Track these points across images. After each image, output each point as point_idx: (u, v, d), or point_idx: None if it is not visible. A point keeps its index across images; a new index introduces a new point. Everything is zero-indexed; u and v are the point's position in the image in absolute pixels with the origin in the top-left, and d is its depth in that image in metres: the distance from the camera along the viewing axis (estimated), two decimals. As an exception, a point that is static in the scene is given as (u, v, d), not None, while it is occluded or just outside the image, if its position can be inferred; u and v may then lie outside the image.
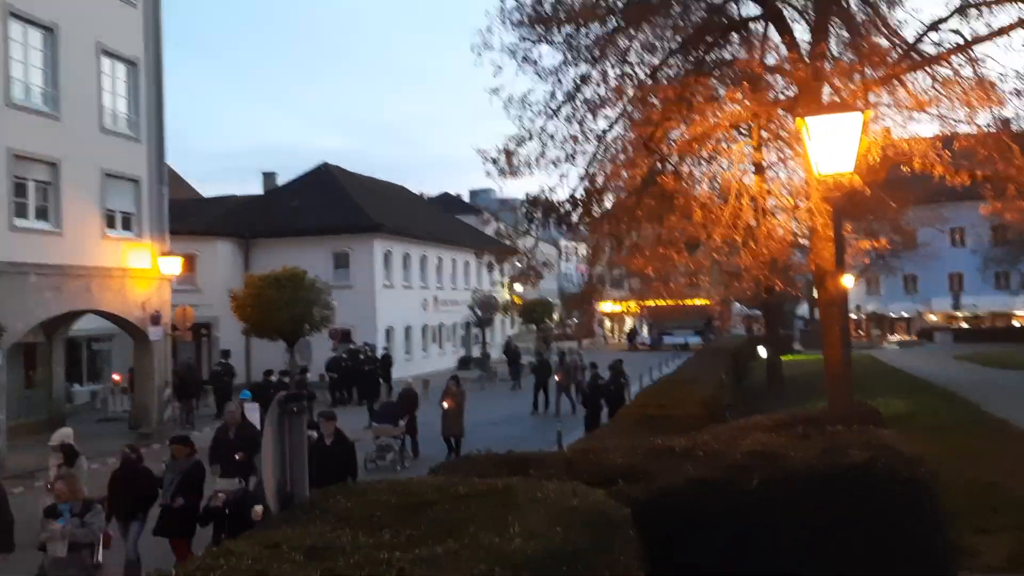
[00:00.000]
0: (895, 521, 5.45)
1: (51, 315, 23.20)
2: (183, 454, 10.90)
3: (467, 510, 4.00)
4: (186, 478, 10.54)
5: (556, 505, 4.13)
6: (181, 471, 10.64)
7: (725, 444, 6.23)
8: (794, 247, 15.05)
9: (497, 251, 15.28)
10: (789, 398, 23.13)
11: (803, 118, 8.80)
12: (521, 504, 4.07)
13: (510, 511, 3.95)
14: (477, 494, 4.23)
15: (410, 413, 19.71)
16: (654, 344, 59.87)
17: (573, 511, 4.07)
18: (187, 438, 11.55)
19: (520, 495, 4.26)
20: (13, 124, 21.49)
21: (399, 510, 4.05)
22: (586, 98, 12.75)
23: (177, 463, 10.83)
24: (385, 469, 17.54)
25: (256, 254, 38.84)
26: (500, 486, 4.45)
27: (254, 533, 3.90)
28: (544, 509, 4.02)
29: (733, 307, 53.05)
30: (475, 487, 4.37)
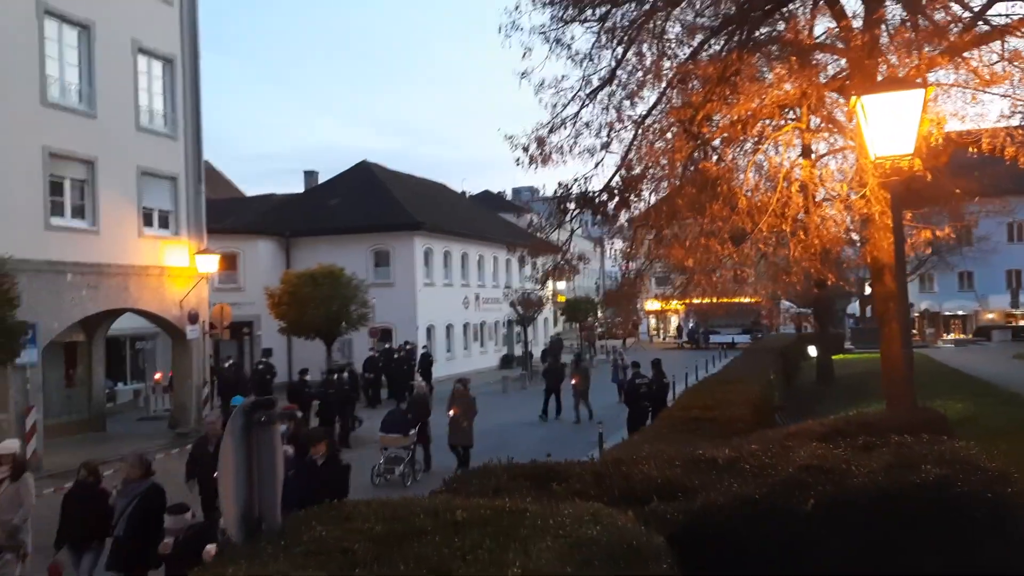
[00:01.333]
0: (976, 548, 4.67)
1: (88, 314, 23.11)
2: (136, 476, 9.40)
3: (462, 543, 3.38)
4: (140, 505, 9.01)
5: (572, 535, 3.48)
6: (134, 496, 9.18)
7: (775, 456, 5.49)
8: (847, 240, 14.14)
9: (530, 245, 14.58)
10: (841, 399, 22.14)
11: (858, 96, 7.99)
12: (528, 535, 3.44)
13: (514, 543, 3.33)
14: (478, 522, 3.60)
15: (422, 420, 18.06)
16: (698, 342, 58.71)
17: (592, 543, 3.41)
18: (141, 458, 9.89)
19: (529, 522, 3.62)
20: (49, 123, 21.42)
21: (381, 542, 3.44)
22: (623, 82, 12.00)
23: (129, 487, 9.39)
24: (395, 484, 16.32)
25: (297, 252, 38.73)
26: (507, 509, 3.82)
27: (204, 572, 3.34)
28: (557, 540, 3.38)
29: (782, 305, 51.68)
30: (477, 512, 3.74)
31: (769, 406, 17.30)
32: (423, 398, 18.95)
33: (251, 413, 3.80)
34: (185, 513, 7.92)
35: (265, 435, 3.83)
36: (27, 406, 20.26)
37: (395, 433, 17.06)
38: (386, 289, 37.33)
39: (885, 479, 4.80)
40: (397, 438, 17.01)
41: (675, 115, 11.18)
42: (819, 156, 12.49)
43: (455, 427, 17.97)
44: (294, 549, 3.43)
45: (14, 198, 20.24)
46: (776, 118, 11.14)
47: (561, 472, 5.55)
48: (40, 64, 21.23)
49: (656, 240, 12.62)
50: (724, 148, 11.65)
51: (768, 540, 4.58)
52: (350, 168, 44.93)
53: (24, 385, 20.28)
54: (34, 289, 20.47)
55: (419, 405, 18.42)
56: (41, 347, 20.73)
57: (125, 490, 9.38)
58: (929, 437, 5.69)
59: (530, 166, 11.88)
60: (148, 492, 9.24)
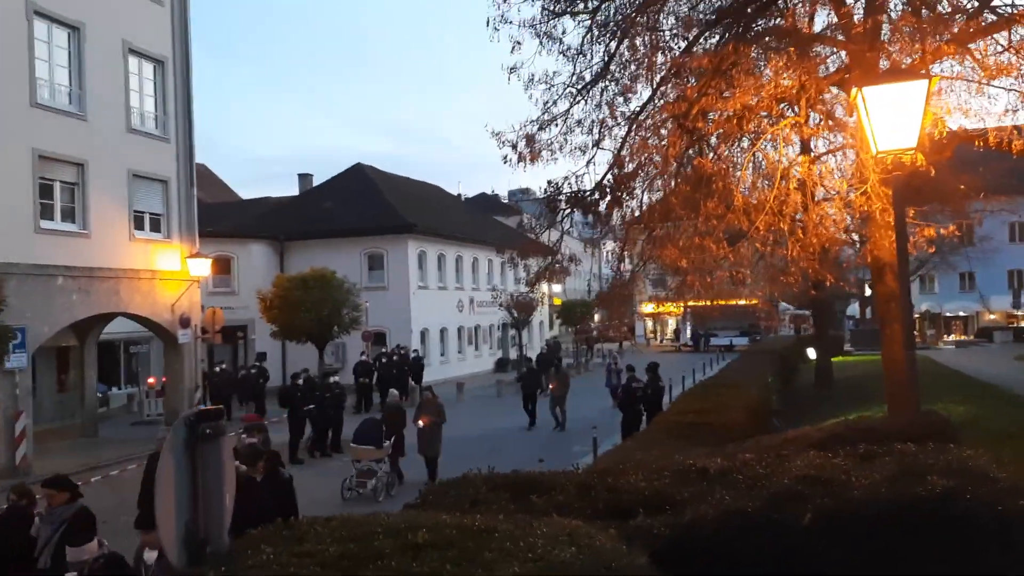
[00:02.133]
0: (983, 562, 4.36)
1: (79, 318, 22.83)
2: (60, 501, 8.27)
3: (420, 568, 3.07)
4: (67, 532, 7.87)
5: (543, 558, 3.16)
6: (60, 522, 8.11)
7: (770, 466, 5.17)
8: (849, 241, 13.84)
9: (520, 246, 14.23)
10: (840, 403, 21.82)
11: (859, 88, 7.68)
12: (493, 560, 3.12)
13: (476, 569, 3.02)
14: (441, 544, 3.28)
15: (397, 432, 17.10)
16: (698, 345, 58.42)
17: (565, 567, 3.10)
18: (64, 480, 8.68)
19: (497, 544, 3.31)
20: (39, 124, 21.17)
21: (332, 566, 3.13)
22: (615, 77, 11.68)
23: (54, 513, 8.27)
24: (367, 498, 15.52)
25: (291, 256, 38.45)
26: (474, 528, 3.51)
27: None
28: (525, 565, 3.07)
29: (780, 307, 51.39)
30: (441, 532, 3.42)
31: (766, 410, 17.00)
32: (398, 408, 18.08)
33: (195, 425, 3.50)
34: (88, 544, 6.87)
35: (211, 448, 3.52)
36: (16, 411, 20.03)
37: (368, 445, 16.12)
38: (380, 292, 37.05)
39: (888, 491, 4.48)
40: (370, 450, 16.07)
41: (669, 110, 10.87)
42: (819, 154, 12.17)
43: (423, 436, 17.30)
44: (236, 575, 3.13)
45: (3, 201, 19.98)
46: (774, 113, 10.85)
47: (543, 483, 5.24)
48: (30, 65, 20.99)
49: (649, 240, 12.30)
50: (720, 144, 11.36)
51: (762, 556, 4.26)
52: (344, 171, 44.68)
53: (13, 390, 20.02)
54: (23, 293, 20.20)
55: (394, 415, 17.52)
56: (31, 352, 20.49)
57: (49, 516, 8.30)
58: (935, 444, 5.38)
59: (518, 164, 11.57)
60: (75, 517, 8.17)
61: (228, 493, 3.61)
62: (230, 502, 3.63)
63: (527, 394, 25.59)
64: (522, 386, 26.20)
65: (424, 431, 17.16)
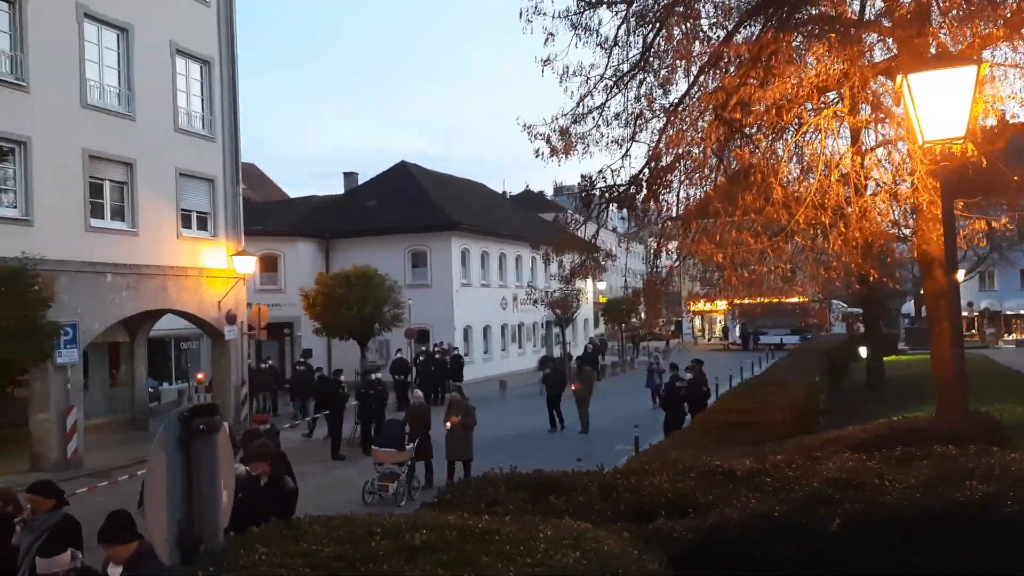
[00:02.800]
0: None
1: (128, 315, 23.25)
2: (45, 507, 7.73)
3: (412, 573, 2.95)
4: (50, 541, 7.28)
5: (543, 563, 3.02)
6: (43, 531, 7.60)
7: (800, 468, 4.94)
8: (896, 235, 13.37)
9: (555, 242, 14.00)
10: (891, 403, 21.23)
11: (904, 75, 7.36)
12: (490, 563, 2.99)
13: (472, 574, 2.89)
14: (440, 545, 3.16)
15: (421, 434, 16.39)
16: (747, 343, 57.55)
17: (565, 572, 2.95)
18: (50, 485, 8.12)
19: (496, 547, 3.17)
20: (89, 125, 21.59)
21: (324, 568, 3.03)
22: (653, 68, 11.43)
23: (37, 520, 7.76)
24: (388, 502, 14.94)
25: (336, 253, 38.76)
26: (476, 530, 3.38)
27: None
28: (522, 570, 2.93)
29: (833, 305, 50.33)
30: (440, 534, 3.30)
31: (813, 410, 16.53)
32: (422, 409, 17.21)
33: (189, 421, 3.42)
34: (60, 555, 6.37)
35: (206, 445, 3.44)
36: (68, 405, 20.43)
37: (390, 448, 15.56)
38: (423, 290, 37.14)
39: (924, 496, 4.23)
40: (392, 453, 15.47)
41: (707, 100, 10.59)
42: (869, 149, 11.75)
43: (453, 439, 16.49)
44: (226, 575, 3.05)
45: (55, 200, 20.42)
46: (815, 102, 10.50)
47: (565, 484, 5.08)
48: (80, 67, 21.41)
49: (686, 235, 12.01)
50: (759, 135, 11.04)
51: (787, 563, 4.05)
52: (388, 169, 44.91)
53: (65, 385, 20.44)
54: (74, 290, 20.65)
55: (418, 417, 16.80)
56: (82, 347, 20.89)
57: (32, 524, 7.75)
58: (977, 447, 5.08)
59: (551, 157, 11.39)
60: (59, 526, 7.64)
61: (225, 491, 3.54)
62: (228, 499, 3.56)
63: (551, 396, 24.63)
64: (546, 387, 25.10)
65: (452, 433, 16.48)
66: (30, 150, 19.84)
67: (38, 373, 19.53)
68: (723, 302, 39.27)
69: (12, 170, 19.73)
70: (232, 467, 3.71)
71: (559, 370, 25.54)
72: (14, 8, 19.70)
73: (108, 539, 5.98)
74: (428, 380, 28.95)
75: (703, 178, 11.72)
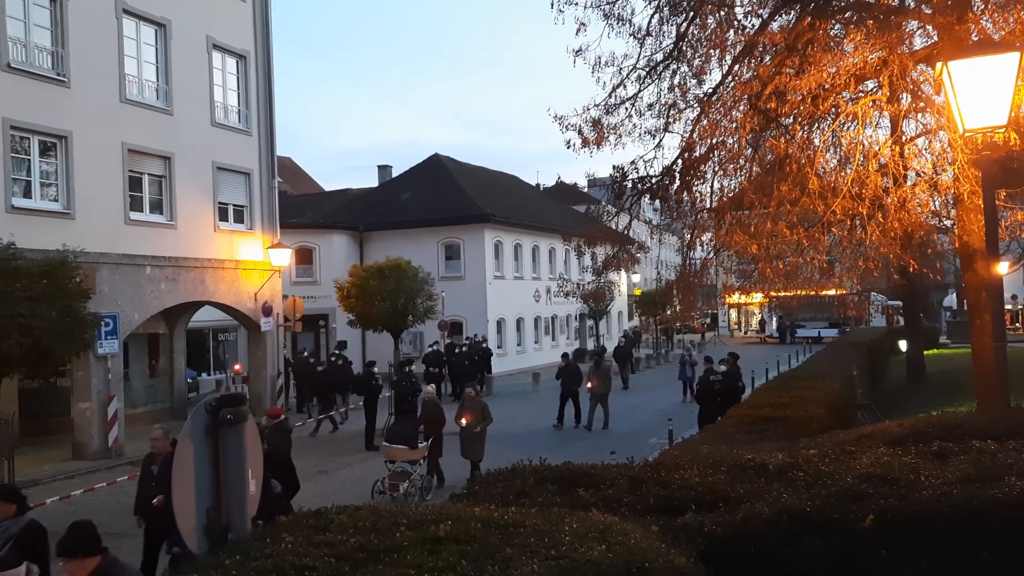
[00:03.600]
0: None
1: (166, 306, 23.61)
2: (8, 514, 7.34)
3: (434, 563, 2.94)
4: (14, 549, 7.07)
5: (567, 556, 2.99)
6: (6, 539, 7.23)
7: (834, 463, 4.85)
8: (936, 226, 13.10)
9: (587, 233, 13.88)
10: (932, 397, 20.85)
11: (944, 62, 7.21)
12: (512, 556, 2.97)
13: (493, 566, 2.87)
14: (464, 537, 3.15)
15: (434, 431, 15.74)
16: (784, 336, 56.89)
17: (589, 567, 2.92)
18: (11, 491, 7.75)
19: (520, 539, 3.15)
20: (128, 120, 21.92)
21: (347, 559, 3.04)
22: (687, 58, 11.29)
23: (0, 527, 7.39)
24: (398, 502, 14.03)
25: (370, 246, 39.00)
26: (501, 522, 3.36)
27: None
28: (545, 563, 2.91)
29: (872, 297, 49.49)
30: (466, 525, 3.28)
31: (850, 405, 16.27)
32: (435, 405, 16.42)
33: (216, 411, 3.45)
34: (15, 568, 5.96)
35: (233, 435, 3.46)
36: (109, 395, 20.81)
37: (401, 445, 14.93)
38: (456, 282, 37.24)
39: (961, 492, 4.13)
40: (403, 450, 14.86)
41: (742, 90, 10.43)
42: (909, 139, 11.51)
43: (466, 438, 15.90)
44: (250, 563, 3.07)
45: (96, 194, 20.78)
46: (853, 91, 10.29)
47: (594, 476, 5.04)
48: (119, 62, 21.74)
49: (719, 225, 11.85)
50: (795, 125, 10.85)
51: (818, 560, 3.98)
52: (422, 162, 45.06)
53: (106, 375, 20.82)
54: (114, 282, 21.03)
55: (431, 413, 16.06)
56: (122, 338, 21.26)
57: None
58: (1016, 443, 4.95)
59: (583, 148, 11.30)
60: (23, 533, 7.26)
61: (253, 480, 3.57)
62: (256, 488, 3.59)
63: (565, 391, 23.59)
64: (560, 383, 23.94)
65: (466, 432, 15.89)
66: (71, 144, 20.21)
67: (80, 363, 19.90)
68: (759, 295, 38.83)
69: (54, 164, 20.11)
70: (260, 457, 3.74)
71: (571, 365, 24.24)
72: (55, 5, 20.05)
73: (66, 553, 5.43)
74: (459, 373, 28.94)
75: (737, 169, 11.57)
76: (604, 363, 24.30)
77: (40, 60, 19.85)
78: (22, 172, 19.45)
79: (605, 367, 24.00)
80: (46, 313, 12.93)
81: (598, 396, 23.03)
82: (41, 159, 19.87)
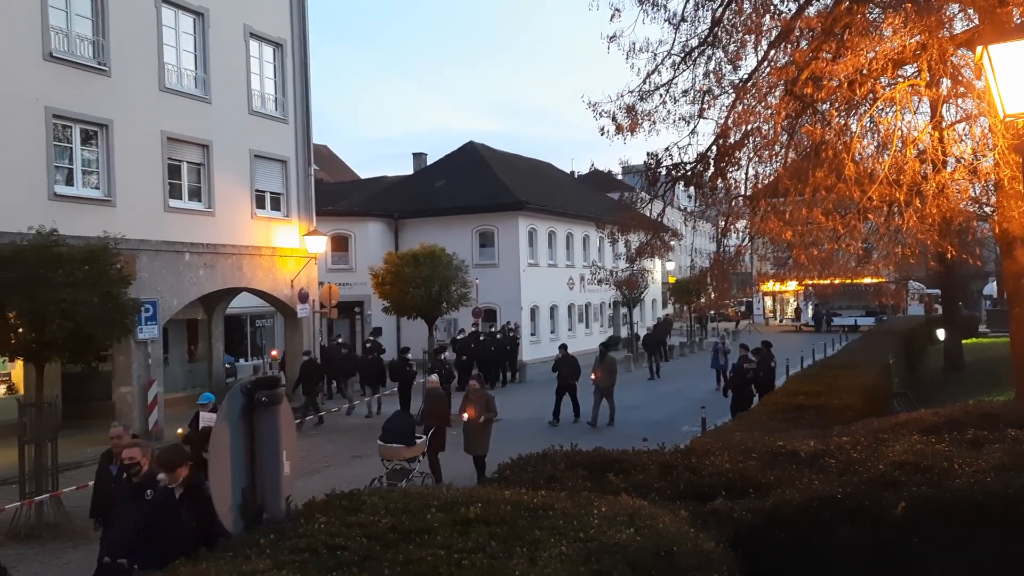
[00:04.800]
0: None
1: (205, 292, 23.98)
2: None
3: (465, 544, 3.00)
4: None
5: (596, 539, 3.03)
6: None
7: (866, 450, 4.83)
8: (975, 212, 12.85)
9: (622, 220, 13.79)
10: (969, 387, 20.54)
11: (984, 46, 7.05)
12: (541, 538, 3.01)
13: (522, 547, 2.92)
14: (493, 519, 3.20)
15: (437, 425, 14.72)
16: (820, 325, 56.29)
17: (617, 550, 2.95)
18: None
19: (550, 522, 3.19)
20: (167, 108, 22.25)
21: (379, 539, 3.10)
22: (722, 43, 11.18)
23: None
24: None
25: (405, 233, 39.20)
26: (531, 505, 3.41)
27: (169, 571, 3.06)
28: (574, 545, 2.95)
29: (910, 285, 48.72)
30: (496, 508, 3.34)
31: (885, 393, 16.09)
32: (439, 398, 15.39)
33: (251, 393, 3.53)
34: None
35: (268, 417, 3.54)
36: (149, 379, 21.22)
37: (397, 444, 13.81)
38: (490, 270, 37.30)
39: (995, 481, 4.09)
40: (398, 449, 13.75)
41: (778, 75, 10.32)
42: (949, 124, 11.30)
43: (470, 432, 14.89)
44: (285, 543, 3.15)
45: (136, 181, 21.15)
46: (891, 76, 10.12)
47: (624, 462, 5.08)
48: (158, 51, 22.05)
49: (753, 212, 11.75)
50: (831, 111, 10.71)
51: (850, 547, 3.98)
52: (456, 149, 45.13)
53: (146, 360, 21.23)
54: (154, 268, 21.41)
55: (434, 405, 15.14)
56: (162, 324, 21.66)
57: None
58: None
59: (616, 135, 11.27)
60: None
61: (288, 461, 3.65)
62: (290, 470, 3.67)
63: (562, 384, 22.06)
64: (557, 376, 22.46)
65: (469, 425, 14.86)
66: (111, 133, 20.57)
67: (120, 349, 20.28)
68: (794, 282, 38.40)
69: (95, 152, 20.49)
70: (295, 438, 3.82)
71: (569, 357, 22.66)
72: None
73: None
74: (486, 361, 28.78)
75: (773, 155, 11.45)
76: (609, 354, 22.60)
77: (81, 49, 20.20)
78: (64, 160, 19.85)
79: (610, 359, 22.37)
80: (87, 299, 13.18)
81: (602, 389, 21.61)
82: (83, 147, 20.25)
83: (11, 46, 18.52)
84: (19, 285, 12.72)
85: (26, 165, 18.66)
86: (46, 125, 19.11)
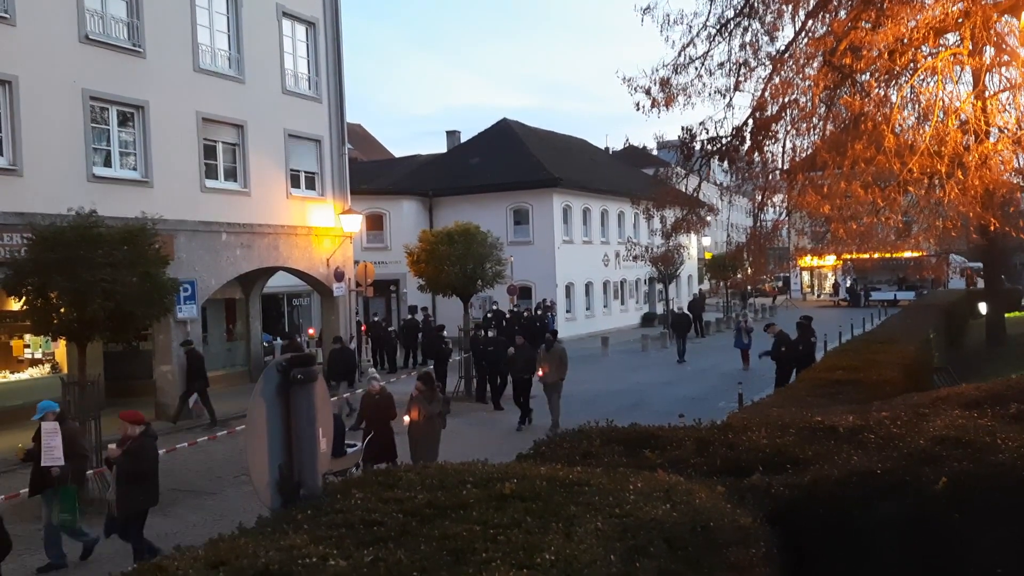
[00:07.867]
0: None
1: (242, 271, 24.23)
2: None
3: (501, 519, 3.01)
4: None
5: (631, 514, 3.02)
6: None
7: (906, 425, 4.76)
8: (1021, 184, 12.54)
9: (657, 195, 13.63)
10: (1012, 361, 20.15)
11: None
12: (577, 514, 3.02)
13: (557, 523, 2.92)
14: (529, 495, 3.21)
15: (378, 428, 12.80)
16: (858, 299, 55.48)
17: (653, 525, 2.94)
18: None
19: (585, 497, 3.20)
20: (201, 89, 22.40)
21: (415, 515, 3.13)
22: (759, 13, 10.97)
23: None
24: None
25: (439, 211, 39.28)
26: (566, 480, 3.41)
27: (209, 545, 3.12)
28: (609, 520, 2.95)
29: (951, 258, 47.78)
30: (530, 484, 3.34)
31: (926, 368, 15.82)
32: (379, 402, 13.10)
33: (288, 371, 3.57)
34: None
35: (304, 393, 3.58)
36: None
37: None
38: (525, 247, 37.25)
39: (1037, 456, 4.02)
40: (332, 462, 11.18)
41: (816, 46, 10.10)
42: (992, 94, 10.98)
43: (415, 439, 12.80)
44: (322, 518, 3.19)
45: (173, 163, 21.38)
46: (932, 45, 9.86)
47: (661, 438, 5.07)
48: (192, 32, 22.17)
49: (791, 186, 11.56)
50: (870, 81, 10.46)
51: (890, 523, 3.93)
52: (490, 127, 45.00)
53: (185, 339, 21.53)
54: (192, 249, 21.68)
55: (373, 407, 13.07)
56: (200, 303, 21.95)
57: None
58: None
59: (651, 109, 11.11)
60: None
61: (324, 437, 3.69)
62: (326, 446, 3.71)
63: (517, 380, 18.87)
64: (511, 371, 19.34)
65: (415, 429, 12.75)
66: (147, 114, 20.79)
67: (160, 328, 20.60)
68: (832, 257, 37.86)
69: (132, 134, 20.74)
70: (331, 414, 3.86)
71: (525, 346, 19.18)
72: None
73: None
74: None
75: (810, 128, 11.25)
76: (558, 346, 18.72)
77: (116, 31, 20.38)
78: (102, 142, 20.12)
79: (559, 349, 18.53)
80: (127, 279, 13.40)
81: (549, 386, 18.13)
82: (120, 129, 20.50)
83: (48, 29, 18.75)
84: (60, 265, 12.96)
85: (65, 147, 18.94)
86: (83, 107, 19.36)
